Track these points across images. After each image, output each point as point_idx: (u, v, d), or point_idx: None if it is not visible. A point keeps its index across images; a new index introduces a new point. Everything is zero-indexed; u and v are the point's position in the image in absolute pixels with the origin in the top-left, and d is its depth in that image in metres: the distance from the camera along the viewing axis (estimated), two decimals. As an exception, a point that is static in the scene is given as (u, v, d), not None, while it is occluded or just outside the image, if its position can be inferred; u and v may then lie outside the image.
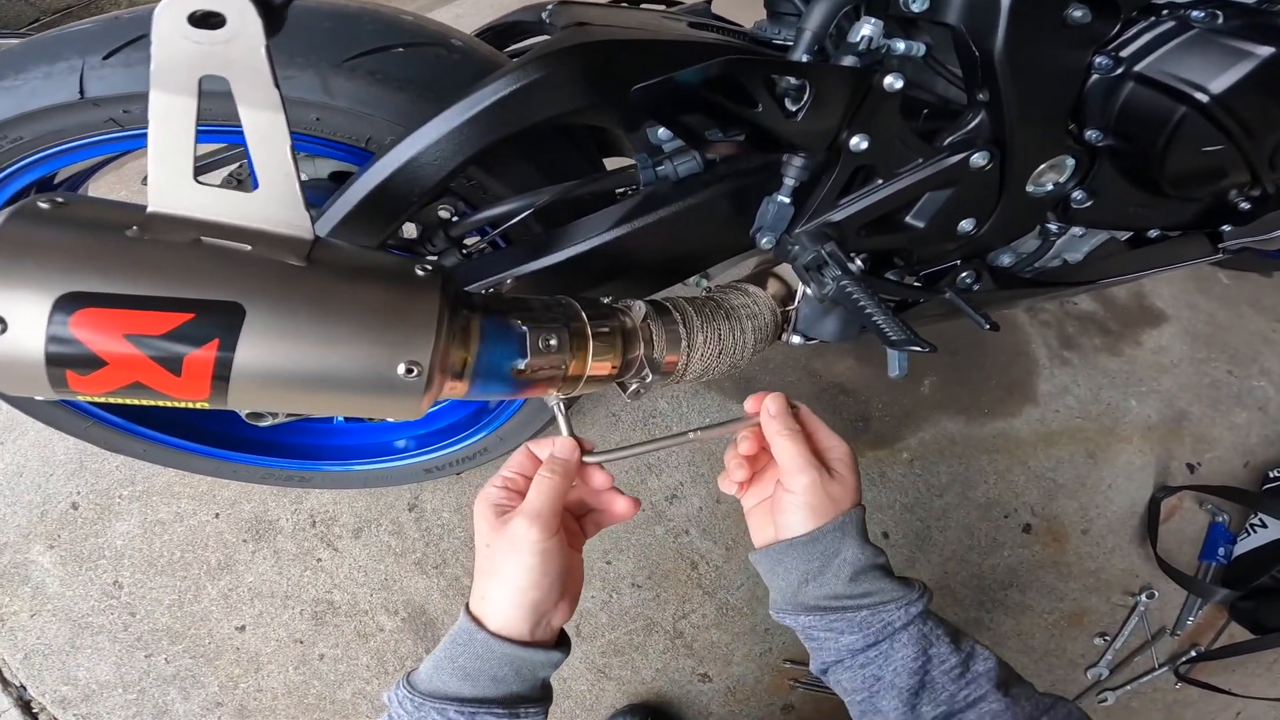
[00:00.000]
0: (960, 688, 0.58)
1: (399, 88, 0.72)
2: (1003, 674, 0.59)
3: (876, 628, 0.60)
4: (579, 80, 0.67)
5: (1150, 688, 1.48)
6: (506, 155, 0.78)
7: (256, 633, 1.36)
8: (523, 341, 0.59)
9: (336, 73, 0.69)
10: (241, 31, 0.42)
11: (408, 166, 0.67)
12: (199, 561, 1.41)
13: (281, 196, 0.47)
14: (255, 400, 0.47)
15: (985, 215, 0.87)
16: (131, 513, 1.44)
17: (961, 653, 0.59)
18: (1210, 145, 0.79)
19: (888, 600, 0.60)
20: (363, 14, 0.72)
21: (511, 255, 0.79)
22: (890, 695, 0.59)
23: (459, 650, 0.58)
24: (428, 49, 0.73)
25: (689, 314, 0.82)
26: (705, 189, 0.79)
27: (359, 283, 0.49)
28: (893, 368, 0.86)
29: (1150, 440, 1.71)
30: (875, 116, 0.72)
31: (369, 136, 0.74)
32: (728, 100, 0.66)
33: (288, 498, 1.47)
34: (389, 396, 0.50)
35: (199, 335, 0.43)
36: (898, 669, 0.59)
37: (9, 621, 1.33)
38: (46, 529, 1.42)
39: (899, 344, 0.72)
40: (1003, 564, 1.54)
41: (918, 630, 0.59)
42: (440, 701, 0.56)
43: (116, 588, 1.38)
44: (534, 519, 0.58)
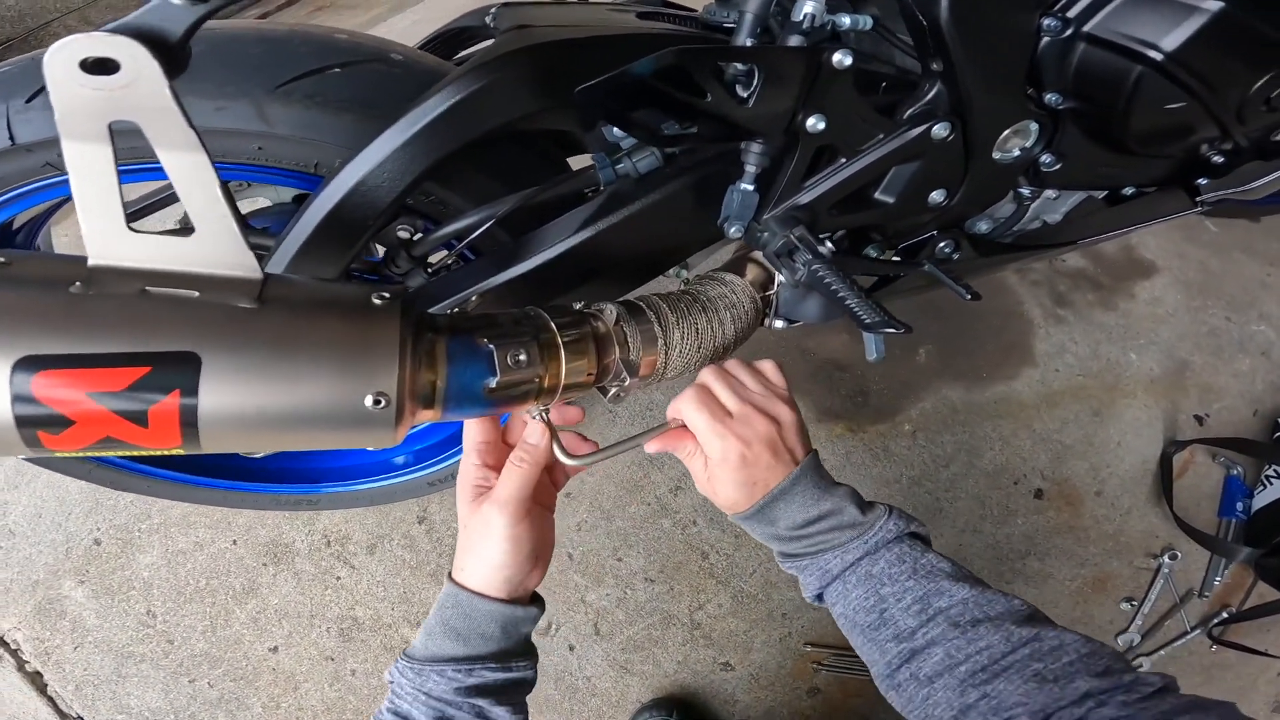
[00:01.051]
0: (920, 624, 0.57)
1: (340, 109, 0.69)
2: (966, 609, 0.56)
3: (818, 575, 0.63)
4: (522, 86, 0.65)
5: (1185, 651, 1.44)
6: (461, 168, 0.75)
7: (289, 653, 1.36)
8: (491, 359, 0.57)
9: (271, 99, 0.67)
10: (139, 75, 0.40)
11: (356, 191, 0.65)
12: (224, 587, 1.41)
13: (220, 238, 0.45)
14: (229, 442, 0.46)
15: (955, 185, 0.84)
16: (153, 545, 1.44)
17: (921, 588, 0.59)
18: (1172, 103, 0.76)
19: (827, 548, 0.63)
20: (293, 37, 0.70)
21: (479, 269, 0.77)
22: (855, 633, 0.62)
23: (448, 613, 0.60)
24: (366, 66, 0.70)
25: (664, 311, 0.80)
26: (667, 183, 0.76)
27: (315, 318, 0.47)
28: (870, 350, 0.83)
29: (1155, 393, 1.66)
30: (829, 95, 0.69)
31: (316, 161, 0.72)
32: (677, 92, 0.63)
33: (300, 520, 1.46)
34: (361, 429, 0.49)
35: (159, 387, 0.42)
36: (855, 608, 0.61)
37: (54, 655, 1.34)
38: (74, 565, 1.42)
39: (873, 326, 0.69)
40: (1018, 532, 1.50)
41: (864, 572, 0.61)
42: (439, 664, 0.59)
43: (151, 617, 1.39)
44: (504, 506, 0.60)
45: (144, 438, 0.44)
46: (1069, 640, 0.53)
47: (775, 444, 0.65)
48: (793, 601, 1.40)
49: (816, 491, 0.64)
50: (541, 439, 0.63)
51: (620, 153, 0.76)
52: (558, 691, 1.34)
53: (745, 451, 0.63)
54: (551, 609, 1.38)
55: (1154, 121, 0.79)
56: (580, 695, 1.34)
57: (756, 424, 0.65)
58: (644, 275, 0.86)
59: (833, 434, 1.57)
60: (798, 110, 0.69)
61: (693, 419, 0.66)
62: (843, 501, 0.64)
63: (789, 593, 1.41)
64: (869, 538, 0.62)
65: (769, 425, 0.65)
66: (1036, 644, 0.53)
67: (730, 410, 0.66)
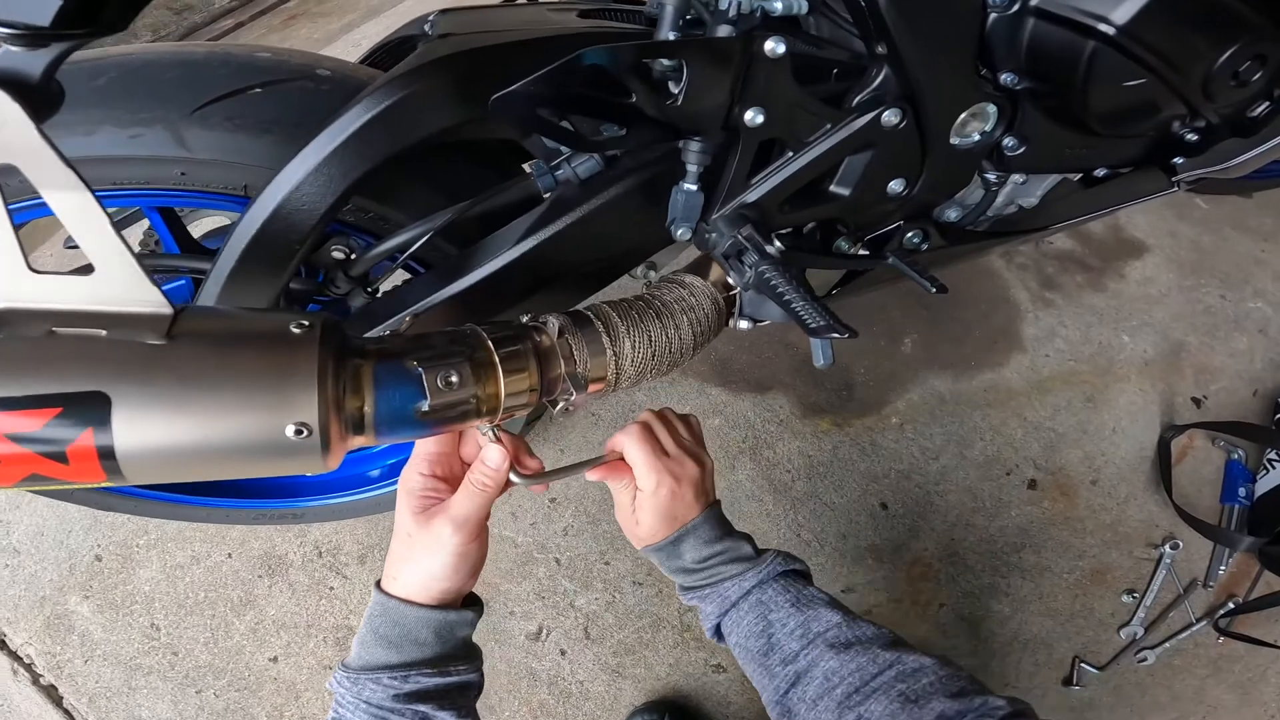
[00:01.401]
0: (802, 648, 0.63)
1: (262, 130, 0.68)
2: (842, 636, 0.63)
3: (717, 602, 0.68)
4: (441, 97, 0.62)
5: (1191, 643, 1.38)
6: (397, 181, 0.73)
7: (288, 662, 1.36)
8: (420, 383, 0.55)
9: (189, 124, 0.65)
10: (5, 120, 0.40)
11: (278, 214, 0.63)
12: (222, 600, 1.42)
13: (121, 275, 0.44)
14: (156, 475, 0.46)
15: (914, 174, 0.81)
16: (151, 560, 1.45)
17: (802, 615, 0.65)
18: (1130, 79, 0.72)
19: (725, 579, 0.69)
20: (211, 58, 0.69)
21: (421, 286, 0.75)
22: (748, 659, 0.67)
23: (378, 622, 0.60)
24: (289, 85, 0.69)
25: (612, 321, 0.77)
26: (610, 187, 0.74)
27: (229, 351, 0.47)
28: (816, 356, 0.79)
29: (1150, 376, 1.61)
30: (766, 86, 0.66)
31: (245, 184, 0.70)
32: (600, 94, 0.60)
33: (292, 532, 1.45)
34: (289, 459, 0.48)
35: (72, 427, 0.42)
36: (747, 634, 0.67)
37: (66, 669, 1.35)
38: (77, 581, 1.43)
39: (817, 331, 0.66)
40: (1012, 525, 1.46)
41: (755, 599, 0.67)
42: (373, 672, 0.59)
43: (155, 630, 1.39)
44: (461, 526, 0.60)
45: (68, 474, 0.44)
46: (927, 663, 0.59)
47: (698, 486, 0.71)
48: (782, 600, 1.37)
49: (720, 530, 0.72)
50: (503, 462, 0.62)
51: (560, 157, 0.73)
52: (551, 697, 1.32)
53: (675, 488, 0.69)
54: (541, 614, 1.36)
55: (1114, 100, 0.75)
56: (574, 700, 1.32)
57: (688, 466, 0.71)
58: (597, 282, 0.83)
59: (818, 429, 1.54)
60: (734, 104, 0.66)
61: (634, 454, 0.70)
62: (740, 541, 0.72)
63: (778, 591, 1.38)
64: (761, 569, 0.68)
65: (696, 469, 0.72)
66: (900, 666, 0.59)
67: (667, 450, 0.71)
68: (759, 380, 1.59)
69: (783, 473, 1.49)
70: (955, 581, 1.40)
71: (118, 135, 0.65)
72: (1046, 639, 1.37)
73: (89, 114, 0.64)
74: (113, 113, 0.64)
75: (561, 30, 0.69)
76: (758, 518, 1.44)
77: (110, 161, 0.66)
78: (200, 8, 2.24)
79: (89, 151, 0.65)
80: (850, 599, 1.39)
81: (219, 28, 2.20)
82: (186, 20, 2.19)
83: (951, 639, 1.37)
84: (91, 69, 0.65)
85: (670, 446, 0.72)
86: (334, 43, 2.18)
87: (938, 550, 1.43)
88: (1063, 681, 1.35)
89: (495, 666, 1.32)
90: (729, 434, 1.52)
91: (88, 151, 0.65)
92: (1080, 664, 1.35)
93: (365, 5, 2.27)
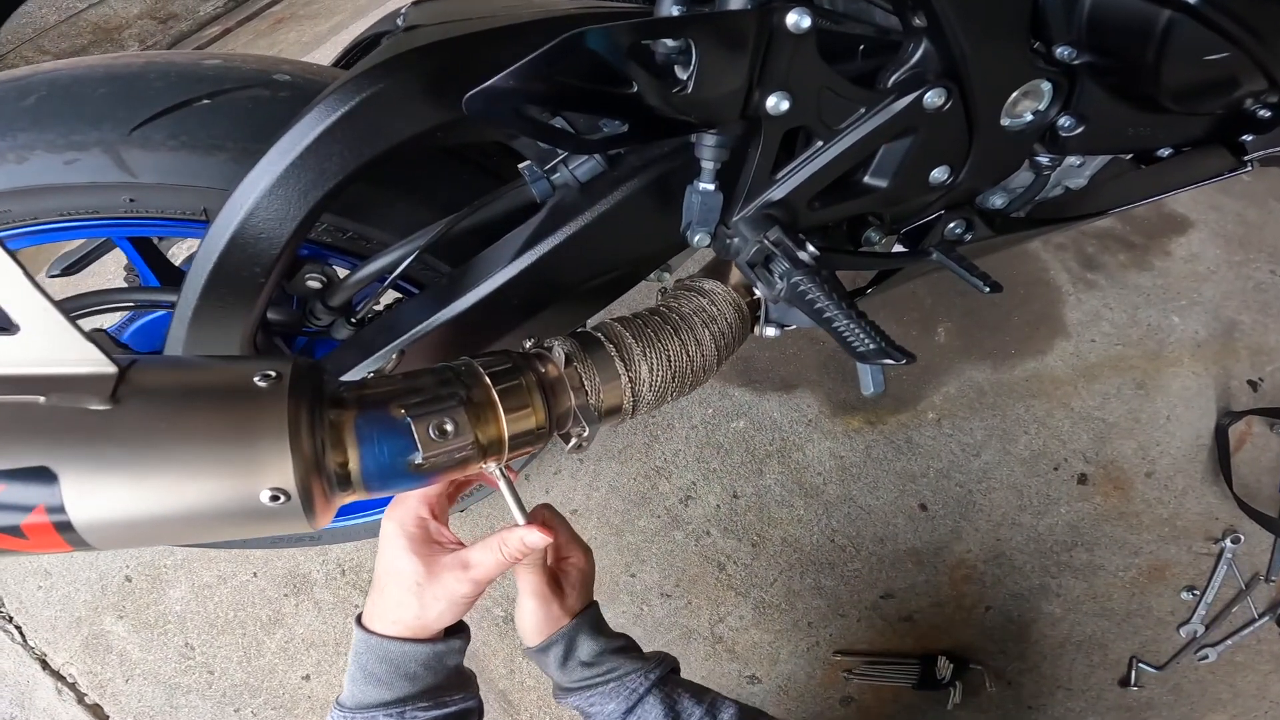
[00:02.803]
0: None
1: (213, 147, 0.58)
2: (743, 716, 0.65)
3: (625, 694, 0.63)
4: (405, 97, 0.52)
5: (1254, 639, 1.26)
6: (373, 196, 0.63)
7: (320, 680, 1.32)
8: (410, 433, 0.48)
9: (128, 145, 0.56)
10: None
11: (237, 241, 0.53)
12: (252, 619, 1.37)
13: (48, 330, 0.37)
14: (129, 543, 0.41)
15: (959, 160, 0.69)
16: (179, 580, 1.41)
17: (704, 703, 0.65)
18: (1212, 53, 0.60)
19: (630, 671, 0.64)
20: (148, 71, 0.58)
21: (413, 310, 0.64)
22: None
23: (365, 659, 0.57)
24: (240, 94, 0.58)
25: (625, 342, 0.67)
26: (614, 190, 0.63)
27: (183, 412, 0.40)
28: (865, 384, 0.68)
29: (1203, 359, 1.46)
30: (790, 67, 0.54)
31: (204, 207, 0.60)
32: (595, 84, 0.49)
33: (314, 550, 1.40)
34: (271, 522, 0.42)
35: (18, 504, 0.37)
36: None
37: (109, 688, 1.32)
38: (110, 601, 1.40)
39: (868, 356, 0.55)
40: (1061, 522, 1.33)
41: (661, 692, 0.64)
42: (368, 711, 0.56)
43: (189, 649, 1.36)
44: (478, 585, 0.56)
45: (30, 546, 0.39)
46: None
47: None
48: (818, 610, 1.27)
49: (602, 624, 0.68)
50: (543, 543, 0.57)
51: (556, 159, 0.62)
52: (581, 713, 1.23)
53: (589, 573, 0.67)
54: (568, 630, 1.28)
55: (1190, 76, 0.64)
56: (604, 716, 1.23)
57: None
58: (606, 297, 0.73)
59: (849, 428, 1.41)
60: (752, 89, 0.54)
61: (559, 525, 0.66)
62: (628, 640, 0.69)
63: (814, 601, 1.27)
64: (662, 664, 0.66)
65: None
66: None
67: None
68: (784, 378, 1.47)
69: (814, 475, 1.37)
70: (1002, 583, 1.28)
71: (52, 161, 0.56)
72: (1101, 640, 1.25)
73: (18, 139, 0.55)
74: (44, 136, 0.55)
75: (546, 13, 0.57)
76: (789, 523, 1.33)
77: (49, 191, 0.57)
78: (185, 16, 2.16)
79: (22, 181, 0.56)
80: (890, 605, 1.27)
81: (205, 35, 2.12)
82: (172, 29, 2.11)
83: (999, 643, 1.25)
84: (18, 89, 0.56)
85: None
86: (322, 45, 2.08)
87: (982, 552, 1.30)
88: (1119, 683, 1.24)
89: (524, 682, 1.24)
90: (755, 437, 1.41)
91: (21, 181, 0.56)
92: (1138, 664, 1.24)
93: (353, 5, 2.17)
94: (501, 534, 0.57)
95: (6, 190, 0.56)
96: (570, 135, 0.52)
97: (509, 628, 1.28)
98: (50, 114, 0.55)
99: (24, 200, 0.56)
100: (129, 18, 2.14)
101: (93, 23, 2.12)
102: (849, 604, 1.27)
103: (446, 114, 0.53)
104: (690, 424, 1.43)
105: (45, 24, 2.10)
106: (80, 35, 2.09)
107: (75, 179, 0.56)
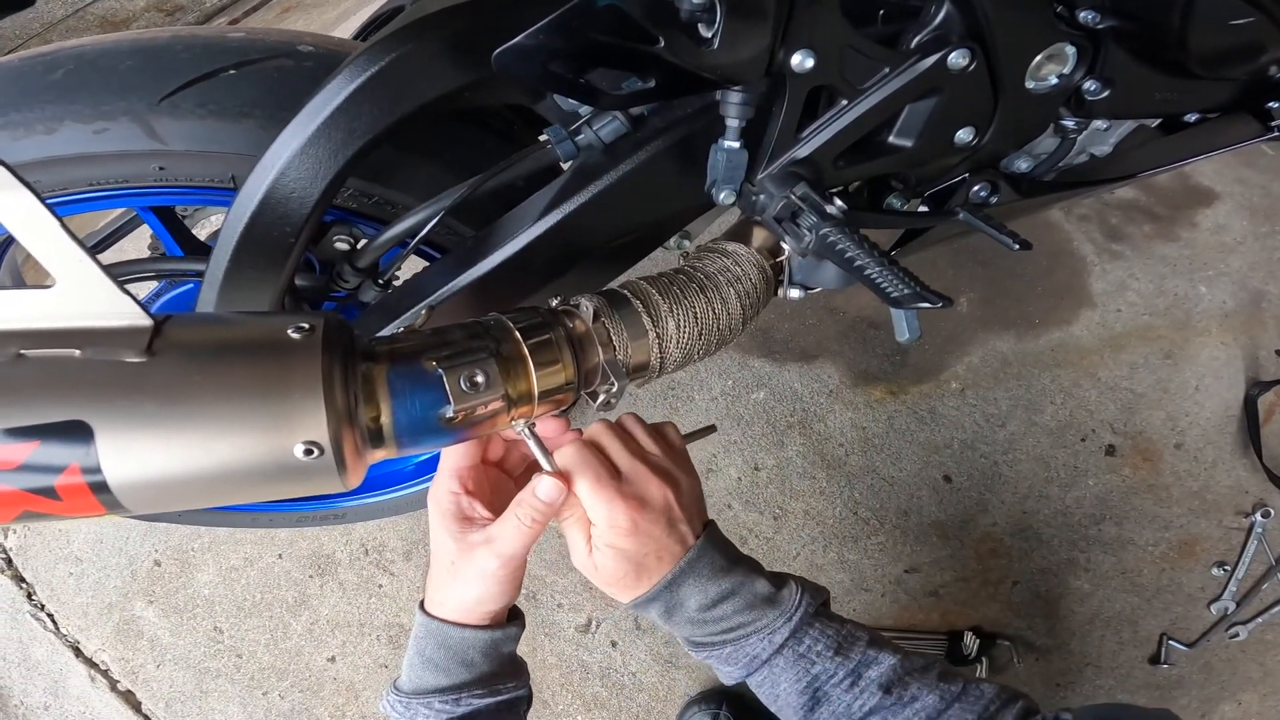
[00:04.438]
0: (855, 698, 0.55)
1: (241, 114, 0.59)
2: (896, 674, 0.55)
3: (744, 662, 0.56)
4: (430, 60, 0.53)
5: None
6: (398, 160, 0.64)
7: (345, 662, 1.34)
8: (442, 386, 0.48)
9: (158, 114, 0.57)
10: None
11: (267, 204, 0.54)
12: (278, 601, 1.40)
13: (84, 283, 0.37)
14: (163, 504, 0.41)
15: (984, 121, 0.69)
16: (207, 563, 1.44)
17: (851, 662, 0.55)
18: (1238, 17, 0.61)
19: (749, 633, 0.55)
20: (174, 43, 0.60)
21: (437, 273, 0.66)
22: (790, 711, 0.57)
23: (424, 645, 0.57)
24: (266, 64, 0.60)
25: (652, 299, 0.67)
26: (639, 150, 0.63)
27: (218, 365, 0.40)
28: (900, 330, 0.68)
29: (1231, 329, 1.45)
30: (815, 25, 0.55)
31: (232, 175, 0.62)
32: (621, 41, 0.50)
33: (337, 531, 1.41)
34: (304, 480, 0.43)
35: (53, 462, 0.37)
36: (787, 690, 0.56)
37: (140, 674, 1.35)
38: (140, 586, 1.42)
39: (902, 301, 0.55)
40: (1089, 495, 1.33)
41: (792, 653, 0.55)
42: (425, 696, 0.56)
43: (218, 633, 1.38)
44: (507, 560, 0.53)
45: (64, 509, 0.39)
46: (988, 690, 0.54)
47: (672, 513, 0.54)
48: (842, 585, 1.28)
49: (722, 561, 0.56)
50: (558, 496, 0.53)
51: (579, 120, 0.63)
52: (605, 689, 1.25)
53: (636, 521, 0.52)
54: (590, 606, 1.29)
55: (1218, 40, 0.65)
56: (627, 691, 1.25)
57: (652, 488, 0.54)
58: (632, 256, 0.73)
59: (871, 399, 1.42)
60: (777, 46, 0.55)
61: (576, 474, 0.54)
62: (750, 575, 0.57)
63: (837, 575, 1.28)
64: (792, 616, 0.55)
65: (665, 491, 0.54)
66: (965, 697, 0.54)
67: (621, 470, 0.55)
68: (804, 349, 1.47)
69: (835, 447, 1.37)
70: (1029, 557, 1.28)
71: (81, 131, 0.57)
72: (1131, 616, 1.25)
73: (47, 110, 0.57)
74: (72, 108, 0.57)
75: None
76: (811, 496, 1.34)
77: (79, 160, 0.58)
78: (192, 8, 2.16)
79: (52, 151, 0.57)
80: (914, 579, 1.28)
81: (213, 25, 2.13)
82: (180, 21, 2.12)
83: (1026, 618, 1.25)
84: (45, 63, 0.58)
85: (626, 464, 0.55)
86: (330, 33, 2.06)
87: (1008, 525, 1.31)
88: (1149, 660, 1.24)
89: (546, 660, 1.26)
90: (775, 408, 1.41)
91: (51, 151, 0.57)
92: (1168, 641, 1.24)
93: (358, -9, 2.18)
94: (519, 495, 0.53)
95: (37, 160, 0.58)
96: (598, 91, 0.53)
97: (532, 605, 1.29)
98: (78, 86, 0.57)
99: (54, 170, 0.58)
100: (136, 10, 2.15)
101: (100, 16, 2.13)
102: (873, 578, 1.28)
103: (474, 73, 0.54)
104: (710, 395, 1.43)
105: (53, 18, 2.11)
106: (88, 29, 2.09)
107: (105, 148, 0.58)
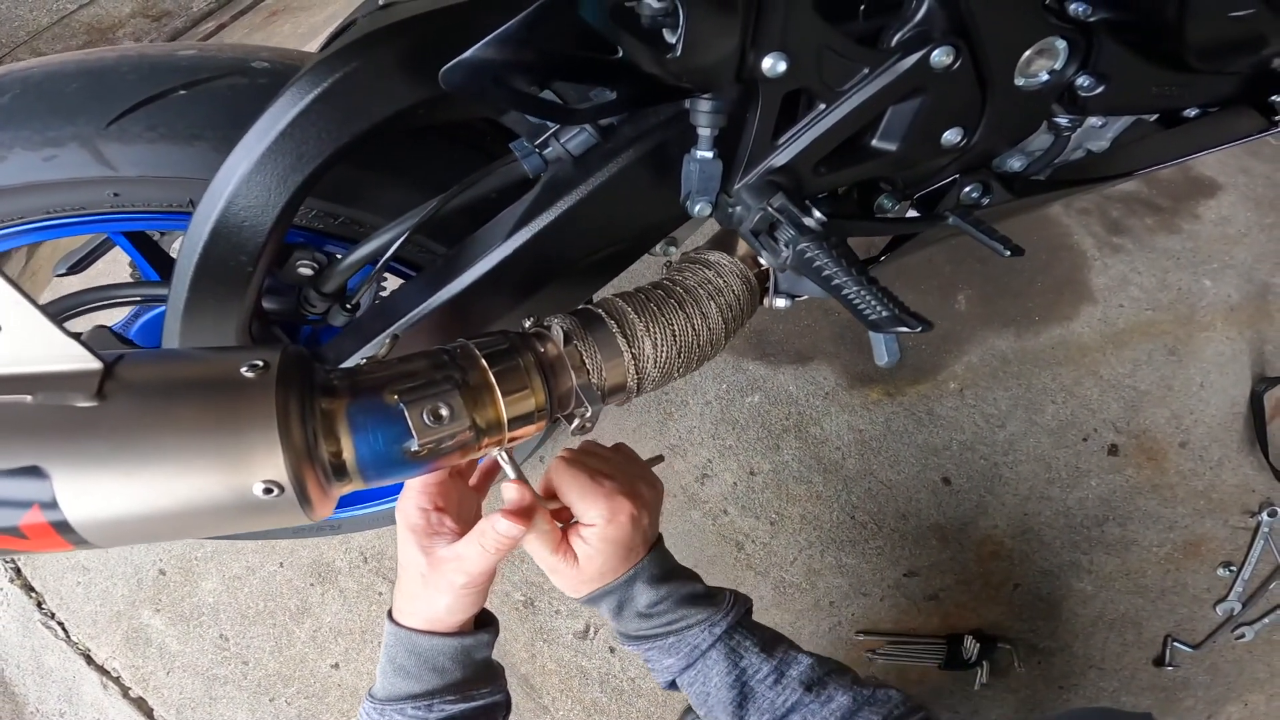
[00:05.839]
0: (778, 694, 0.59)
1: (192, 137, 0.57)
2: (815, 674, 0.60)
3: (685, 652, 0.60)
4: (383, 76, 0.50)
5: (1293, 617, 1.22)
6: (360, 178, 0.61)
7: (349, 668, 1.34)
8: (404, 420, 0.46)
9: (104, 139, 0.55)
10: None
11: (220, 231, 0.52)
12: (281, 609, 1.39)
13: (26, 328, 0.37)
14: (130, 540, 0.41)
15: (972, 121, 0.66)
16: (211, 572, 1.43)
17: (774, 659, 0.60)
18: (1237, 9, 0.58)
19: (692, 624, 0.60)
20: (121, 64, 0.57)
21: (409, 293, 0.63)
22: (720, 709, 0.60)
23: (395, 653, 0.58)
24: (217, 83, 0.57)
25: (628, 318, 0.65)
26: (609, 162, 0.61)
27: (170, 406, 0.40)
28: (879, 353, 0.65)
29: (1236, 324, 1.40)
30: (785, 25, 0.51)
31: (190, 199, 0.59)
32: (579, 51, 0.47)
33: (337, 539, 1.41)
34: (269, 515, 0.42)
35: (15, 504, 0.38)
36: (718, 684, 0.60)
37: (151, 681, 1.35)
38: (146, 595, 1.42)
39: (881, 324, 0.52)
40: (1092, 495, 1.29)
41: (725, 647, 0.60)
42: (397, 703, 0.57)
43: (224, 640, 1.38)
44: (473, 579, 0.55)
45: (33, 546, 0.39)
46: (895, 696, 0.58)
47: (650, 510, 0.61)
48: (840, 589, 1.24)
49: (672, 565, 0.63)
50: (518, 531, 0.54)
51: (547, 133, 0.60)
52: (604, 694, 1.23)
53: (634, 514, 0.58)
54: (587, 611, 1.27)
55: (1216, 33, 0.62)
56: (626, 697, 1.23)
57: (640, 488, 0.61)
58: (609, 272, 0.70)
59: (868, 400, 1.38)
60: (746, 50, 0.52)
61: (571, 486, 0.59)
62: (691, 578, 0.64)
63: (835, 580, 1.25)
64: (729, 613, 0.61)
65: (653, 491, 0.63)
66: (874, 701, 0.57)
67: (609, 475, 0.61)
68: (799, 350, 1.44)
69: (832, 450, 1.34)
70: (1030, 560, 1.25)
71: (30, 159, 0.55)
72: (1135, 617, 1.22)
73: None
74: (20, 134, 0.55)
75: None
76: (808, 500, 1.30)
77: (31, 189, 0.57)
78: (179, 13, 2.13)
79: (2, 180, 0.55)
80: (914, 583, 1.25)
81: (200, 31, 2.09)
82: (167, 26, 2.09)
83: (1028, 621, 1.22)
84: None
85: (609, 469, 0.61)
86: (318, 36, 2.05)
87: (1009, 527, 1.27)
88: (1154, 662, 1.20)
89: (545, 666, 1.24)
90: (770, 411, 1.38)
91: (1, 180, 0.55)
92: (1173, 643, 1.20)
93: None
94: (482, 524, 0.55)
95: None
96: (556, 106, 0.50)
97: (529, 612, 1.27)
98: (24, 111, 0.55)
99: (6, 200, 0.56)
100: (122, 17, 2.12)
101: (85, 23, 2.10)
102: (871, 582, 1.25)
103: (426, 91, 0.51)
104: (704, 400, 1.41)
105: (38, 26, 2.08)
106: (74, 36, 2.06)
107: (55, 175, 0.56)
